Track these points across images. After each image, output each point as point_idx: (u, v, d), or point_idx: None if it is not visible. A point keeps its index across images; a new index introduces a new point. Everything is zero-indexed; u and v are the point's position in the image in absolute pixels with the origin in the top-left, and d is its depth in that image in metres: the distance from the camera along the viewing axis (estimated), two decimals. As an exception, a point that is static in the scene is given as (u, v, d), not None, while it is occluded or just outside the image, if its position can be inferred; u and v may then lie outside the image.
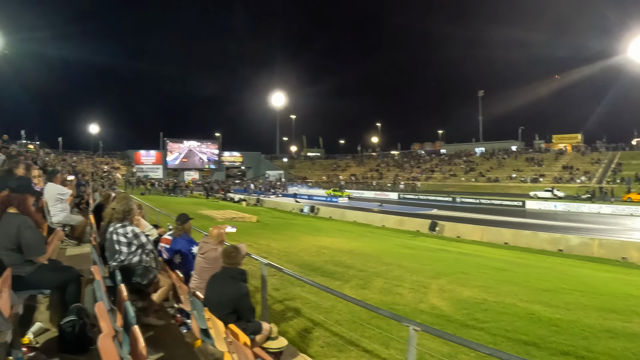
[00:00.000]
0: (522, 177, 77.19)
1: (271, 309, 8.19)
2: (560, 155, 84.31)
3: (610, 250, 24.28)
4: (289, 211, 47.52)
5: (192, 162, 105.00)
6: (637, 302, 12.14)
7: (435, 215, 43.32)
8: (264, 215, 37.01)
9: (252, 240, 18.99)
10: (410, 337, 4.32)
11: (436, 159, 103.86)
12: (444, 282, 13.00)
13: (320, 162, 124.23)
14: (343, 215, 42.79)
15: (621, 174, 67.87)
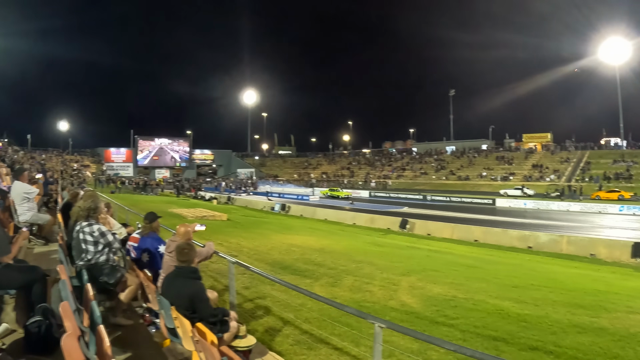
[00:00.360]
0: (493, 176, 78.26)
1: (241, 307, 8.18)
2: (530, 154, 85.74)
3: (578, 247, 24.62)
4: (260, 209, 47.32)
5: (163, 160, 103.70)
6: (605, 298, 12.33)
7: (406, 213, 43.53)
8: (234, 213, 36.93)
9: (223, 238, 18.93)
10: (376, 335, 4.35)
11: (407, 158, 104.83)
12: (414, 279, 13.05)
13: (291, 160, 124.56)
14: (314, 213, 42.69)
15: (590, 172, 69.24)
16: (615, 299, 12.21)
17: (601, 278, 17.21)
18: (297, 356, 6.33)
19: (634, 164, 68.42)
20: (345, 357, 6.36)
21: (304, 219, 39.69)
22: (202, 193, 62.95)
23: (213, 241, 6.08)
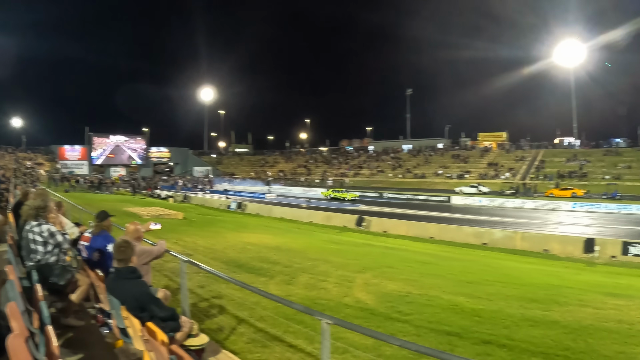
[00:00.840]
0: (448, 174, 79.55)
1: (196, 306, 8.12)
2: (486, 152, 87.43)
3: (532, 243, 25.11)
4: (216, 208, 46.85)
5: (119, 158, 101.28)
6: (557, 292, 12.58)
7: (362, 210, 43.83)
8: (190, 212, 36.54)
9: (178, 237, 18.71)
10: (323, 331, 4.31)
11: (364, 156, 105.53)
12: (369, 276, 13.06)
13: (248, 158, 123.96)
14: (270, 211, 42.49)
15: (544, 170, 71.08)
16: (568, 293, 12.47)
17: (554, 273, 17.60)
18: (251, 354, 6.28)
19: (587, 163, 70.60)
20: (299, 354, 6.31)
21: (260, 217, 39.50)
22: (158, 192, 61.96)
23: (168, 240, 5.91)
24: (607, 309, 10.67)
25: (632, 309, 10.83)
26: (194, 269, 8.51)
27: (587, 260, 22.05)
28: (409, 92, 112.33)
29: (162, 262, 10.85)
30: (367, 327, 7.15)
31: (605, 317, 9.83)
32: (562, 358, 7.12)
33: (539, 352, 7.34)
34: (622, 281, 16.42)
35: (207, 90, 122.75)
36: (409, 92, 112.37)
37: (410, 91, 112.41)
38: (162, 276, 10.26)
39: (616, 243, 23.47)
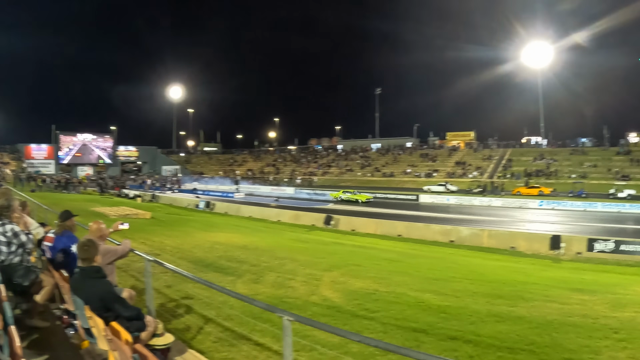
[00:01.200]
0: (417, 172, 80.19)
1: (163, 306, 8.09)
2: (454, 151, 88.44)
3: (499, 241, 25.46)
4: (184, 207, 46.49)
5: (86, 157, 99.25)
6: (524, 288, 12.74)
7: (330, 209, 44.00)
8: (158, 211, 36.19)
9: (146, 237, 18.51)
10: (285, 327, 4.37)
11: (333, 154, 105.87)
12: (337, 274, 13.04)
13: (217, 157, 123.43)
14: (239, 210, 42.35)
15: (511, 169, 72.15)
16: (533, 289, 12.63)
17: (520, 269, 17.84)
18: (218, 353, 6.25)
19: (554, 162, 71.78)
20: (266, 352, 6.30)
21: (229, 217, 39.37)
22: (126, 191, 61.10)
23: (136, 240, 5.82)
24: (572, 304, 10.82)
25: (597, 303, 11.01)
26: (161, 269, 8.56)
27: (553, 257, 22.41)
28: (377, 91, 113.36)
29: (129, 262, 10.79)
30: (333, 324, 7.16)
31: (570, 312, 9.97)
32: (527, 352, 7.17)
33: (505, 347, 7.37)
34: (587, 277, 16.73)
35: (175, 88, 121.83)
36: (378, 91, 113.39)
37: (379, 90, 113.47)
38: (128, 276, 10.16)
39: (582, 240, 23.96)
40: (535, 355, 7.07)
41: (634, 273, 18.70)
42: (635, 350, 7.44)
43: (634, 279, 16.88)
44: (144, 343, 4.72)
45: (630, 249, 22.76)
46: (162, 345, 5.10)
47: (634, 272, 18.87)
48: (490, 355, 7.01)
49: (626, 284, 14.98)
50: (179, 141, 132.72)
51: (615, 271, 19.03)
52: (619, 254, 22.62)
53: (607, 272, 18.77)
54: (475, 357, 6.93)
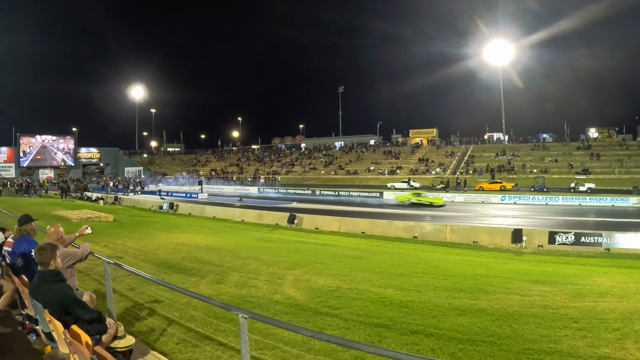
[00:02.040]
0: (380, 170, 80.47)
1: (126, 309, 8.08)
2: (417, 148, 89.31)
3: (461, 235, 25.82)
4: (148, 209, 46.05)
5: (47, 159, 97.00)
6: (485, 281, 12.94)
7: (294, 208, 44.14)
8: (121, 214, 35.95)
9: (108, 240, 18.39)
10: (241, 325, 4.45)
11: (296, 153, 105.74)
12: (300, 272, 13.08)
13: (180, 158, 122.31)
14: (202, 211, 42.15)
15: (474, 165, 73.04)
16: (495, 282, 12.84)
17: (482, 263, 18.12)
18: (181, 354, 6.24)
19: (515, 157, 72.95)
20: (229, 352, 6.28)
21: (192, 217, 39.22)
22: (88, 194, 60.08)
23: (98, 243, 5.71)
24: (533, 296, 11.01)
25: (557, 294, 11.22)
26: (124, 272, 8.69)
27: (515, 250, 22.80)
28: (341, 89, 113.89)
29: (91, 265, 10.82)
30: (296, 322, 7.18)
31: (531, 304, 10.13)
32: (488, 344, 7.23)
33: (466, 340, 7.44)
34: (548, 269, 17.06)
35: (137, 88, 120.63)
36: (341, 89, 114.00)
37: (342, 89, 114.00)
38: (91, 280, 10.09)
39: (543, 233, 24.45)
40: (496, 347, 7.14)
41: (593, 264, 19.13)
42: (594, 339, 7.58)
43: (594, 269, 17.26)
44: (104, 346, 4.77)
45: (590, 241, 23.32)
46: (124, 348, 5.13)
47: (594, 263, 19.32)
48: (452, 347, 7.06)
49: (586, 274, 15.32)
50: (142, 142, 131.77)
51: (576, 262, 19.46)
52: (580, 245, 23.17)
53: (567, 263, 19.17)
54: (437, 350, 6.96)
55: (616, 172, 62.00)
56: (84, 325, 4.53)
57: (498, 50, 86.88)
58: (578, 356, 6.81)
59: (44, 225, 7.24)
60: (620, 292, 11.82)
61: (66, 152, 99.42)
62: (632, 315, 9.23)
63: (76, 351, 3.97)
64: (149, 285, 9.62)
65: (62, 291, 4.74)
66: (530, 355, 6.78)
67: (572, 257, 20.92)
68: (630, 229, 27.09)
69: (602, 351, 7.02)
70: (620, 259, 20.67)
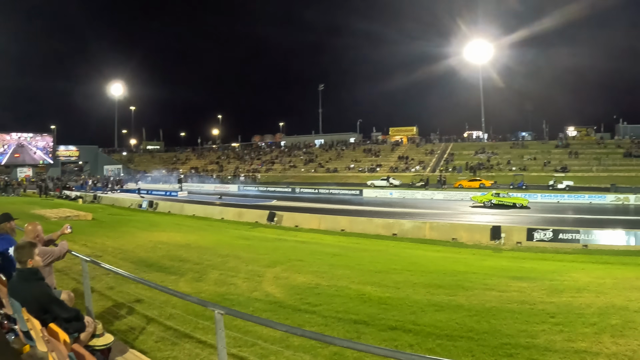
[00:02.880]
0: (360, 167, 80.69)
1: (105, 308, 8.10)
2: (397, 146, 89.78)
3: (441, 232, 25.97)
4: (127, 207, 45.64)
5: (25, 158, 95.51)
6: (464, 277, 13.03)
7: (274, 205, 44.05)
8: (100, 212, 35.46)
9: (87, 239, 18.17)
10: (217, 321, 4.53)
11: (276, 151, 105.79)
12: (279, 270, 13.10)
13: (160, 156, 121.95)
14: (182, 209, 41.90)
15: (453, 163, 73.57)
16: (473, 278, 12.94)
17: (461, 260, 18.23)
18: (160, 352, 6.24)
19: (494, 155, 73.57)
20: (208, 350, 6.27)
21: (172, 216, 38.93)
22: (67, 192, 59.37)
23: (77, 242, 5.66)
24: (511, 292, 11.11)
25: (535, 290, 11.34)
26: (103, 270, 8.82)
27: (493, 247, 22.99)
28: (321, 87, 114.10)
29: (70, 264, 10.75)
30: (275, 319, 7.18)
31: (509, 299, 10.23)
32: (466, 339, 7.30)
33: (444, 335, 7.51)
34: (526, 265, 17.21)
35: (117, 85, 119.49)
36: (321, 87, 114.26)
37: (322, 86, 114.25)
38: (70, 279, 10.02)
39: (521, 230, 24.69)
40: (474, 342, 7.20)
41: (571, 260, 19.35)
42: (571, 333, 7.67)
43: (572, 265, 17.45)
44: (83, 344, 4.76)
45: (568, 238, 23.62)
46: (102, 346, 5.11)
47: (571, 259, 19.54)
48: (430, 343, 7.11)
49: (563, 270, 15.48)
50: (121, 140, 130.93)
51: (554, 259, 19.69)
52: (558, 242, 23.45)
53: (545, 260, 19.37)
54: (415, 345, 7.01)
55: (594, 170, 62.87)
56: (62, 324, 4.50)
57: (478, 49, 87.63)
58: (555, 350, 6.89)
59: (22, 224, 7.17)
60: (597, 288, 11.95)
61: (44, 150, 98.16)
62: (609, 310, 9.34)
63: (54, 349, 3.96)
64: (127, 284, 9.59)
65: (40, 290, 4.75)
66: (508, 349, 6.85)
67: (550, 254, 21.17)
68: (607, 225, 27.45)
69: (579, 345, 7.11)
70: (597, 255, 20.94)
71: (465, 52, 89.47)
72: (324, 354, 6.37)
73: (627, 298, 10.51)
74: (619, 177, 57.42)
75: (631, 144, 70.28)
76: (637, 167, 61.93)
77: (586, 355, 6.72)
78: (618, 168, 62.69)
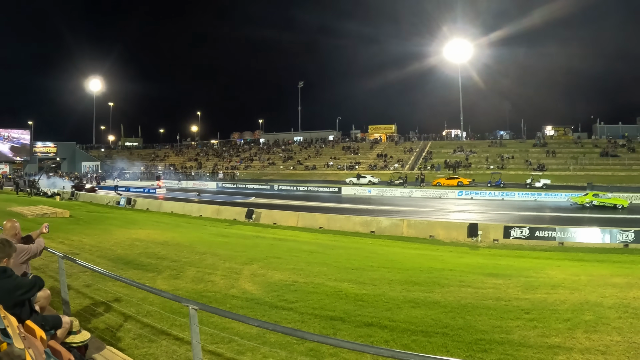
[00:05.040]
0: (339, 165, 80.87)
1: (83, 305, 8.09)
2: (375, 144, 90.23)
3: (418, 230, 26.13)
4: (105, 204, 45.37)
5: (1, 154, 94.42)
6: (440, 274, 13.13)
7: (253, 203, 44.14)
8: (78, 209, 35.10)
9: (64, 236, 18.09)
10: (191, 316, 4.58)
11: (255, 148, 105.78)
12: (256, 267, 13.10)
13: (138, 152, 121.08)
14: (160, 206, 41.77)
15: (432, 161, 74.07)
16: (449, 275, 13.04)
17: (438, 257, 18.40)
18: (138, 349, 6.22)
19: (472, 153, 74.25)
20: (185, 346, 6.24)
21: (150, 213, 38.80)
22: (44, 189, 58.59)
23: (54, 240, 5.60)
24: (487, 288, 11.22)
25: (510, 287, 11.47)
26: (80, 268, 8.84)
27: (470, 245, 23.18)
28: (300, 84, 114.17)
29: (47, 262, 10.74)
30: (252, 316, 7.15)
31: (484, 296, 10.34)
32: (441, 335, 7.37)
33: (419, 331, 7.57)
34: (502, 262, 17.40)
35: (95, 81, 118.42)
36: (301, 84, 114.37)
37: (302, 84, 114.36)
38: (47, 277, 9.78)
39: (498, 227, 24.95)
40: (449, 337, 7.28)
41: (547, 257, 19.61)
42: (545, 329, 7.77)
43: (547, 262, 17.67)
44: (60, 341, 4.76)
45: (544, 235, 23.90)
46: (79, 343, 5.12)
47: (547, 257, 19.79)
48: (405, 339, 7.17)
49: (539, 267, 15.65)
50: (99, 136, 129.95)
51: (530, 256, 19.91)
52: (534, 239, 23.73)
53: (522, 257, 19.59)
54: (391, 341, 7.06)
55: (571, 169, 63.87)
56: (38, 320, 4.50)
57: (458, 48, 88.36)
58: (529, 346, 6.97)
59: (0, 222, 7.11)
60: (572, 284, 12.12)
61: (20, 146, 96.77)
62: (583, 306, 9.47)
63: (31, 346, 3.93)
64: (105, 282, 9.56)
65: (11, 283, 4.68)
66: (482, 345, 6.93)
67: (526, 251, 21.39)
68: (583, 223, 27.88)
69: (553, 340, 7.21)
70: (573, 252, 21.23)
71: (445, 51, 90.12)
72: (299, 350, 6.39)
73: (601, 295, 10.65)
74: (596, 176, 58.22)
75: (608, 144, 71.49)
76: (614, 167, 63.13)
77: (559, 350, 6.81)
78: (595, 167, 63.75)
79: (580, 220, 30.48)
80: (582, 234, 23.96)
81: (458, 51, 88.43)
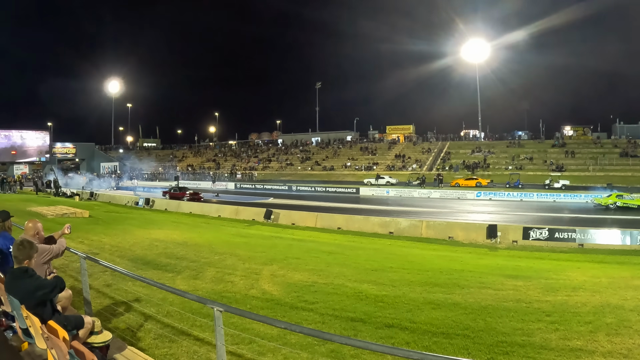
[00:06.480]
0: (357, 166, 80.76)
1: (102, 305, 8.09)
2: (393, 144, 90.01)
3: (437, 231, 25.96)
4: (123, 205, 45.63)
5: (22, 154, 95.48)
6: (460, 276, 13.04)
7: (271, 204, 44.13)
8: (97, 209, 35.45)
9: (84, 236, 18.17)
10: (216, 318, 4.53)
11: (273, 149, 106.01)
12: (276, 267, 13.11)
13: (156, 153, 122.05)
14: (179, 207, 41.87)
15: (450, 162, 73.65)
16: (469, 276, 12.95)
17: (457, 258, 18.25)
18: (158, 350, 6.25)
19: (490, 154, 73.74)
20: (206, 347, 6.31)
21: (168, 213, 38.87)
22: (63, 189, 59.12)
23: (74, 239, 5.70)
24: (507, 290, 11.15)
25: (530, 288, 11.37)
26: (101, 268, 8.87)
27: (489, 246, 22.98)
28: (318, 85, 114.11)
29: (67, 262, 10.89)
30: (272, 317, 7.20)
31: (505, 297, 10.27)
32: (462, 337, 7.35)
33: (440, 333, 7.55)
34: (521, 264, 17.22)
35: (114, 82, 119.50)
36: (318, 85, 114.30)
37: (320, 84, 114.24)
38: (67, 277, 9.86)
39: (517, 229, 24.69)
40: (470, 339, 7.25)
41: (567, 259, 19.36)
42: (567, 332, 7.72)
43: (567, 264, 17.47)
44: (82, 341, 4.73)
45: (564, 237, 23.61)
46: (101, 343, 5.11)
47: (567, 258, 19.55)
48: (426, 340, 7.15)
49: (559, 269, 15.50)
50: (118, 137, 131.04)
51: (550, 258, 19.67)
52: (554, 241, 23.43)
53: (541, 258, 19.37)
54: (411, 343, 7.05)
55: (590, 170, 63.16)
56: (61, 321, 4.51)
57: (475, 48, 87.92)
58: (550, 348, 6.93)
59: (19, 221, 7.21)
60: (593, 287, 12.00)
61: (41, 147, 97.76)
62: (604, 308, 9.38)
63: (53, 346, 3.94)
64: (125, 282, 9.63)
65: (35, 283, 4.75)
66: (503, 347, 6.90)
67: (545, 253, 21.17)
68: (603, 225, 27.59)
69: (574, 343, 7.16)
70: (593, 254, 20.94)
71: (462, 51, 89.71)
72: (320, 351, 6.40)
73: (622, 297, 10.55)
74: (615, 176, 57.72)
75: (627, 144, 70.61)
76: (634, 167, 62.30)
77: (581, 353, 6.76)
78: (614, 168, 63.03)
79: (600, 222, 30.15)
80: (602, 235, 23.59)
81: (475, 51, 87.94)
